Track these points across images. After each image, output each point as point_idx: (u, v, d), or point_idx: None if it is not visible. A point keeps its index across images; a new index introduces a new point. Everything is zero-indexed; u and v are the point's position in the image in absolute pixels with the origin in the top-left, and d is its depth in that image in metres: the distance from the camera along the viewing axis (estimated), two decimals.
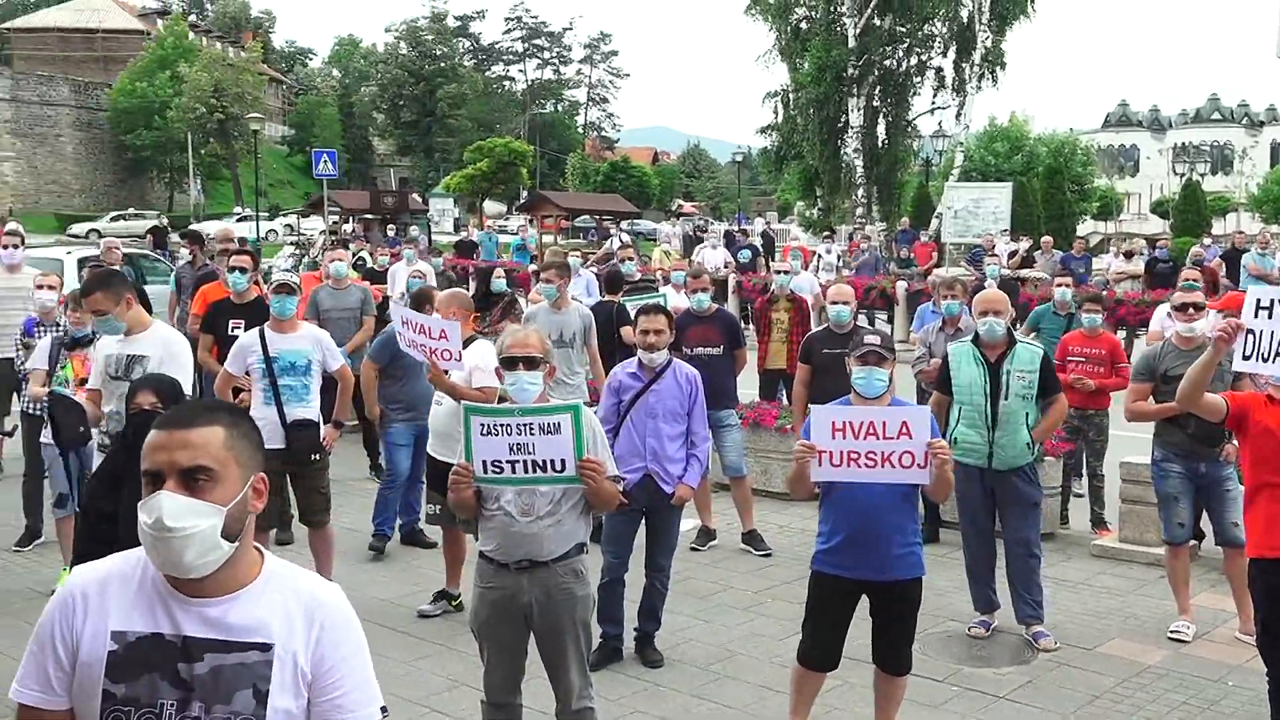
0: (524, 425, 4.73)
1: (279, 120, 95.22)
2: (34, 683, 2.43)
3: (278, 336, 7.55)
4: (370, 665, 2.52)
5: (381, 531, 8.96)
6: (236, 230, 20.58)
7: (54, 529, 8.33)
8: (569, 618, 4.87)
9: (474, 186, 64.27)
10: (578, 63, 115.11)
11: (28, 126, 70.84)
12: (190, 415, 2.43)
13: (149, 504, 2.33)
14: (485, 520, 4.91)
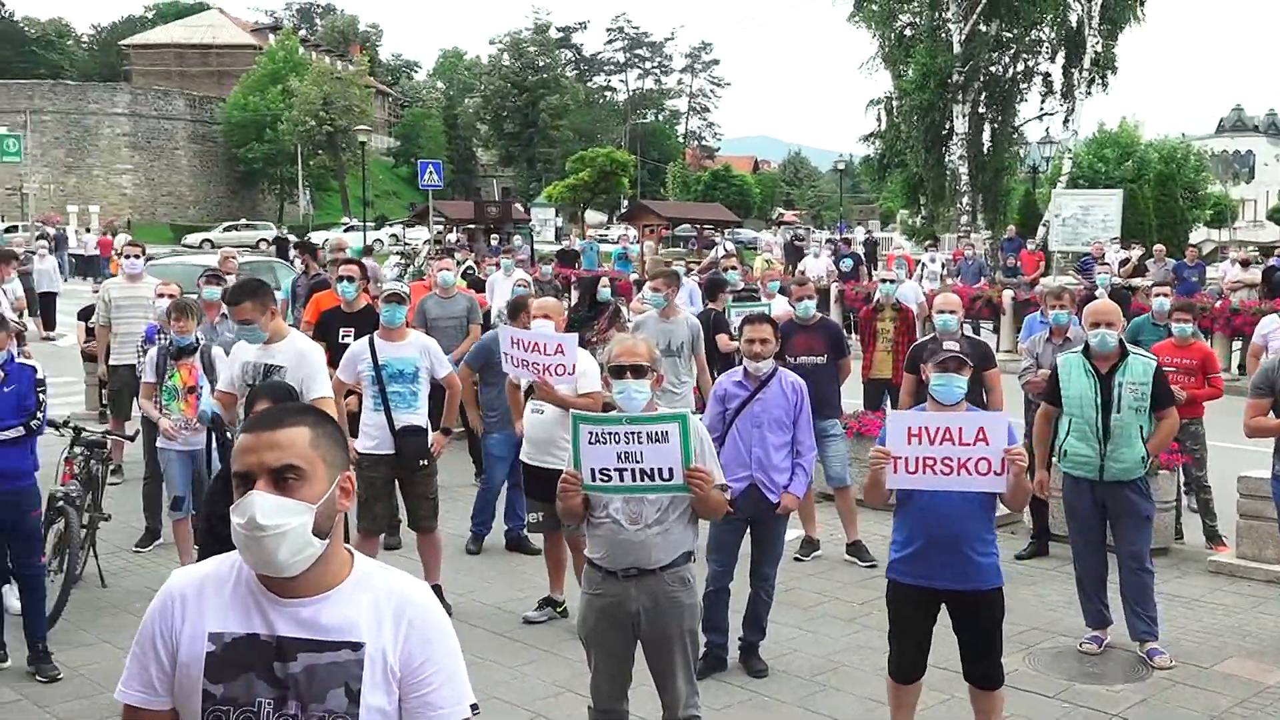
0: (632, 434, 4.74)
1: (385, 132, 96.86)
2: (137, 683, 2.50)
3: (387, 345, 7.69)
4: (461, 663, 2.53)
5: (477, 532, 9.18)
6: (351, 240, 21.03)
7: (171, 530, 8.58)
8: (676, 626, 4.87)
9: (576, 196, 64.75)
10: (679, 72, 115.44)
11: (145, 140, 73.03)
12: (276, 417, 2.48)
13: (241, 505, 2.37)
14: (593, 528, 4.94)
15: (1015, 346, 17.42)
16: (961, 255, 27.34)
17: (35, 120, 68.60)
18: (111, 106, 72.50)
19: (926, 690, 6.15)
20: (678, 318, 9.57)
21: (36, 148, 66.12)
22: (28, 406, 6.59)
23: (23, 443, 6.61)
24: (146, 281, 11.36)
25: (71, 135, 71.01)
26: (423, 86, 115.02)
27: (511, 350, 7.29)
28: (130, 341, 10.84)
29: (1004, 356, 17.17)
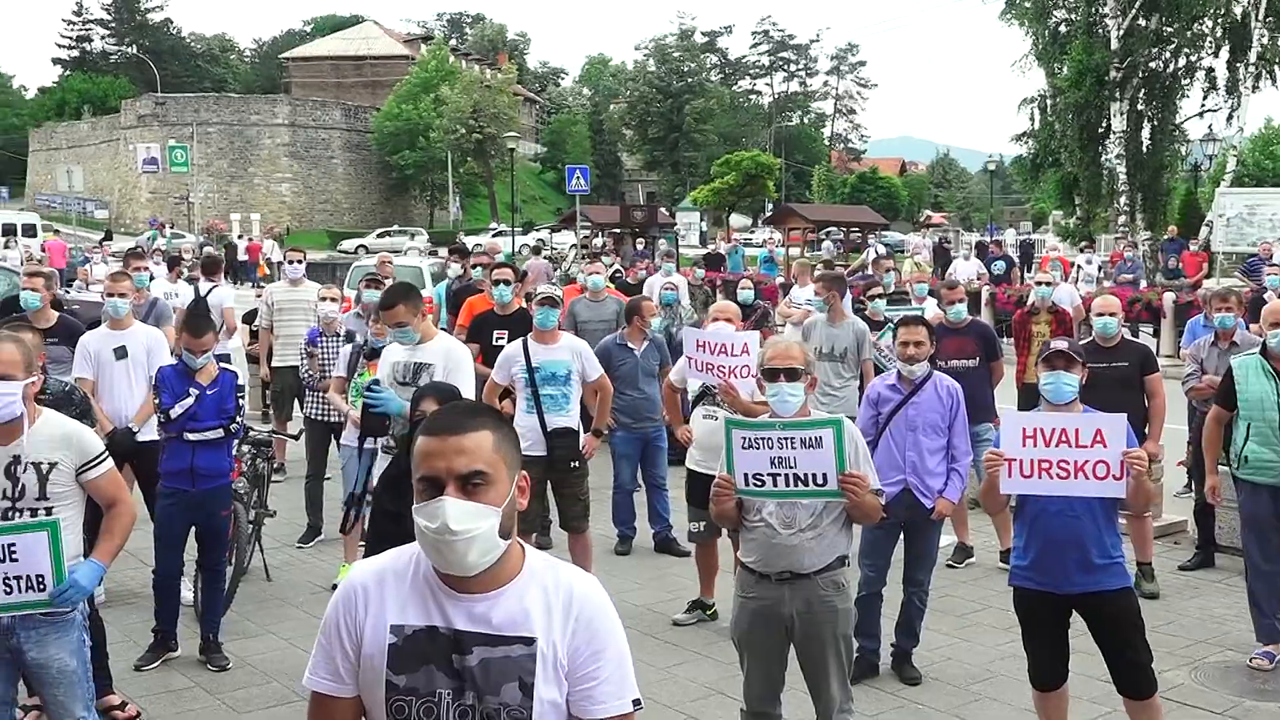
0: (785, 439, 4.73)
1: (532, 138, 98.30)
2: (325, 672, 2.58)
3: (540, 347, 7.81)
4: (627, 657, 2.55)
5: (623, 533, 9.29)
6: (503, 245, 21.43)
7: (333, 527, 8.82)
8: (830, 630, 4.85)
9: (720, 200, 64.76)
10: (824, 74, 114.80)
11: (303, 149, 75.48)
12: (459, 421, 2.50)
13: (431, 510, 2.41)
14: (747, 531, 4.94)
15: (1177, 351, 16.83)
16: (1120, 257, 26.54)
17: (201, 132, 71.44)
18: (272, 117, 75.14)
19: (1086, 703, 6.01)
20: (844, 322, 9.56)
21: (202, 158, 68.86)
22: (227, 409, 6.86)
23: (221, 444, 6.89)
24: (307, 286, 11.74)
25: (235, 146, 73.78)
26: (569, 93, 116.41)
27: (696, 354, 7.14)
28: (292, 344, 11.20)
29: (1165, 361, 16.58)
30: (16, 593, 4.26)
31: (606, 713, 2.50)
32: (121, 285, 8.32)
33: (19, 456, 4.41)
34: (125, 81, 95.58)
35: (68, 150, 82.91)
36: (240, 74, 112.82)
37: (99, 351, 7.96)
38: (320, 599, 8.12)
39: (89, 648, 4.65)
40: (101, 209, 74.28)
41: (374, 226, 69.25)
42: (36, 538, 4.24)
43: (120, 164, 75.31)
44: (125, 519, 4.69)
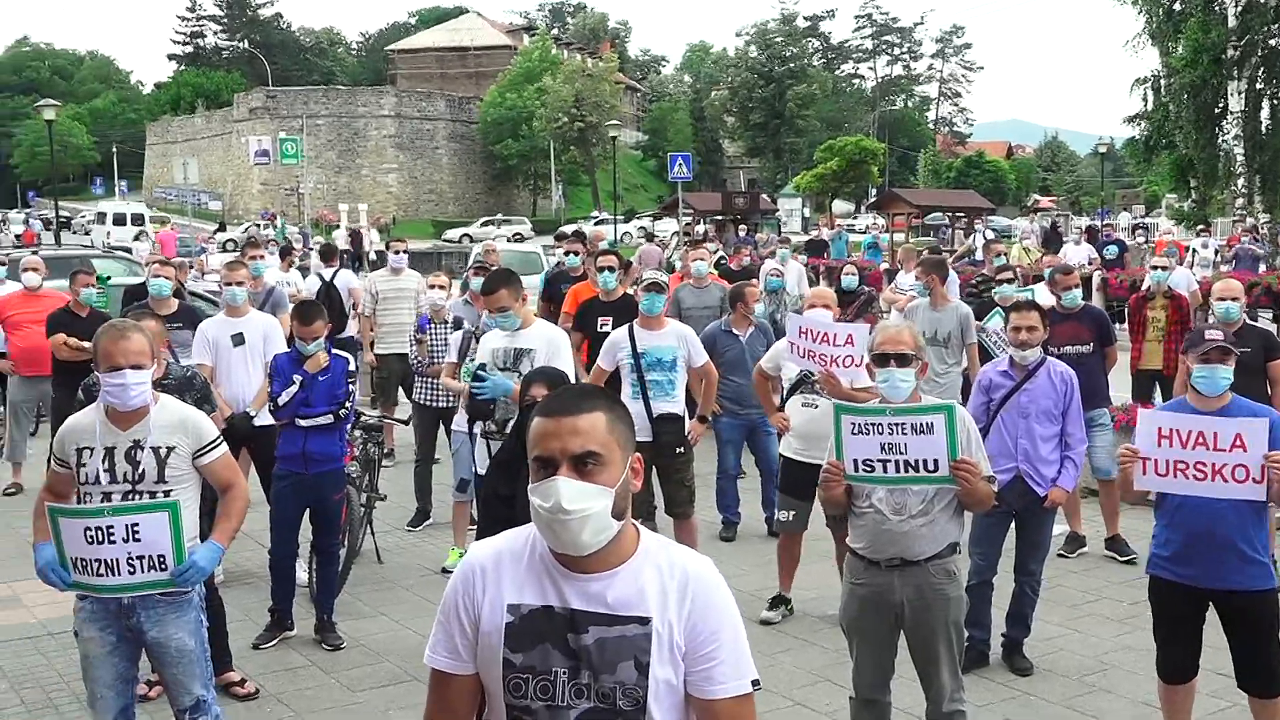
0: (896, 425, 4.69)
1: (634, 126, 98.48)
2: (444, 650, 2.63)
3: (646, 333, 7.83)
4: (743, 637, 2.56)
5: (727, 520, 9.27)
6: (606, 233, 21.55)
7: (447, 510, 8.95)
8: (941, 618, 4.80)
9: (823, 185, 64.26)
10: (929, 57, 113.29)
11: (409, 140, 76.58)
12: (573, 402, 2.53)
13: (545, 489, 2.45)
14: (856, 517, 4.91)
15: None
16: (1238, 240, 25.77)
17: (310, 124, 72.85)
18: (378, 109, 76.37)
19: (1205, 696, 5.85)
20: (948, 306, 9.43)
21: (311, 150, 70.15)
22: (338, 395, 7.00)
23: (332, 429, 7.04)
24: (409, 275, 11.92)
25: (342, 137, 75.13)
26: (670, 81, 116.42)
27: (799, 340, 7.06)
28: (395, 331, 11.40)
29: None
30: (140, 572, 4.38)
31: (726, 693, 2.51)
32: (238, 274, 8.51)
33: (139, 441, 4.54)
34: (237, 76, 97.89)
35: (183, 144, 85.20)
36: (347, 67, 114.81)
37: (217, 338, 8.18)
38: (430, 581, 8.26)
39: (207, 628, 4.78)
40: (215, 200, 76.17)
41: (478, 216, 70.07)
42: (158, 518, 4.37)
43: (233, 156, 77.15)
44: (240, 502, 4.80)
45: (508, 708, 2.54)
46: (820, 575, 7.90)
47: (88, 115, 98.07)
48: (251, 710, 6.11)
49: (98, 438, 4.55)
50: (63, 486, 4.69)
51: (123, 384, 4.45)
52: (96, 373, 4.58)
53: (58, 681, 6.49)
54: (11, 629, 7.36)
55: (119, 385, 4.46)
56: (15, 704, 6.23)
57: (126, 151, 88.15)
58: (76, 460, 4.56)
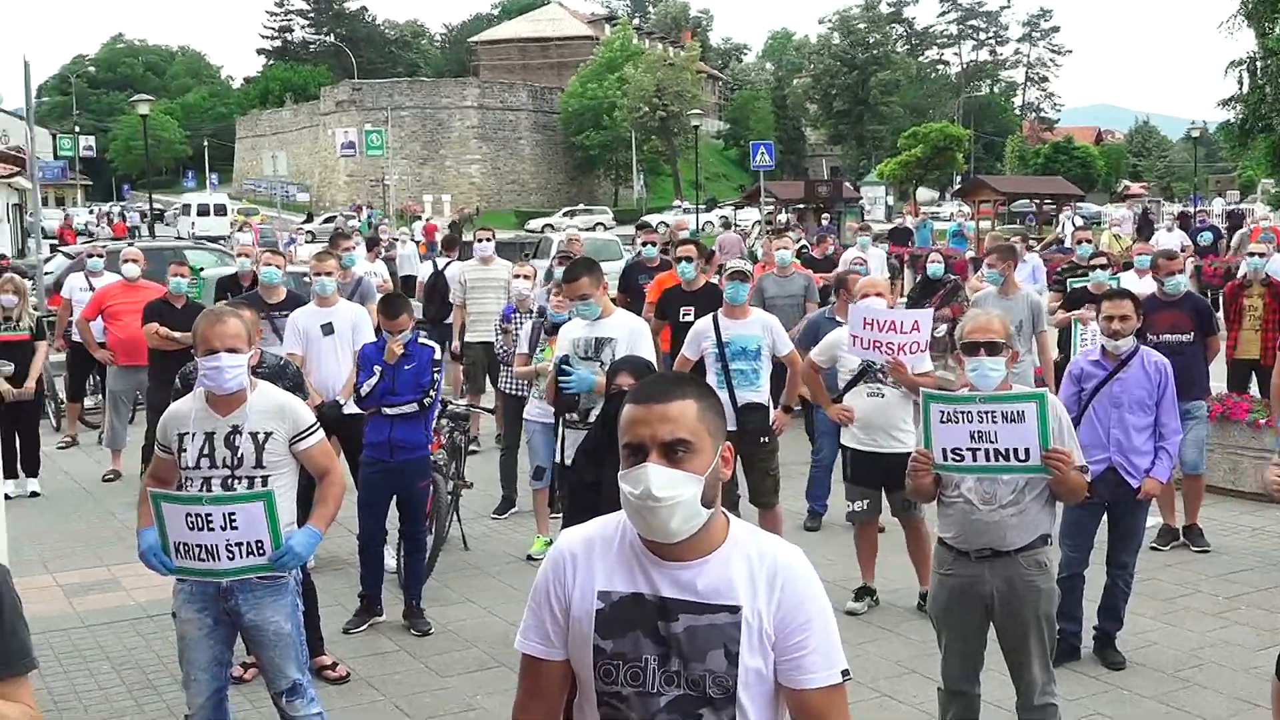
0: (985, 413, 4.64)
1: (715, 115, 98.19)
2: (535, 636, 2.65)
3: (730, 322, 7.81)
4: (833, 628, 2.55)
5: (813, 510, 9.21)
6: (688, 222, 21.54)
7: (529, 499, 9.03)
8: (1032, 610, 4.74)
9: (907, 173, 63.57)
10: (1015, 42, 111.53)
11: (492, 131, 77.12)
12: (664, 389, 2.53)
13: (635, 476, 2.45)
14: (944, 507, 4.86)
15: None
16: None
17: (395, 116, 73.67)
18: (461, 100, 76.99)
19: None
20: (1017, 294, 9.28)
21: (396, 141, 71.01)
22: (423, 384, 7.10)
23: (417, 417, 7.13)
24: (498, 264, 12.02)
25: (426, 129, 75.88)
26: (752, 69, 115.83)
27: (863, 331, 7.02)
28: (483, 320, 11.51)
29: None
30: (239, 558, 4.48)
31: (816, 683, 2.50)
32: (326, 264, 8.64)
33: (238, 426, 4.63)
34: (324, 69, 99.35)
35: (271, 137, 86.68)
36: (431, 59, 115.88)
37: (307, 328, 8.31)
38: (515, 569, 8.33)
39: (302, 612, 4.86)
40: (303, 192, 77.40)
41: (560, 206, 70.32)
42: (255, 506, 4.46)
43: (320, 148, 78.28)
44: (336, 488, 4.88)
45: (598, 694, 2.55)
46: (905, 566, 7.83)
47: (180, 110, 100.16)
48: (343, 693, 6.22)
49: (198, 423, 4.65)
50: (166, 472, 4.80)
51: (218, 367, 4.55)
52: (195, 358, 4.68)
53: (156, 663, 6.65)
54: (111, 611, 7.56)
55: (214, 369, 4.56)
56: (117, 684, 6.41)
57: (217, 145, 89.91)
58: (178, 445, 4.67)
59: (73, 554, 8.85)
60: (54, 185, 70.42)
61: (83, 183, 78.03)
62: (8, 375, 10.25)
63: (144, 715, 6.00)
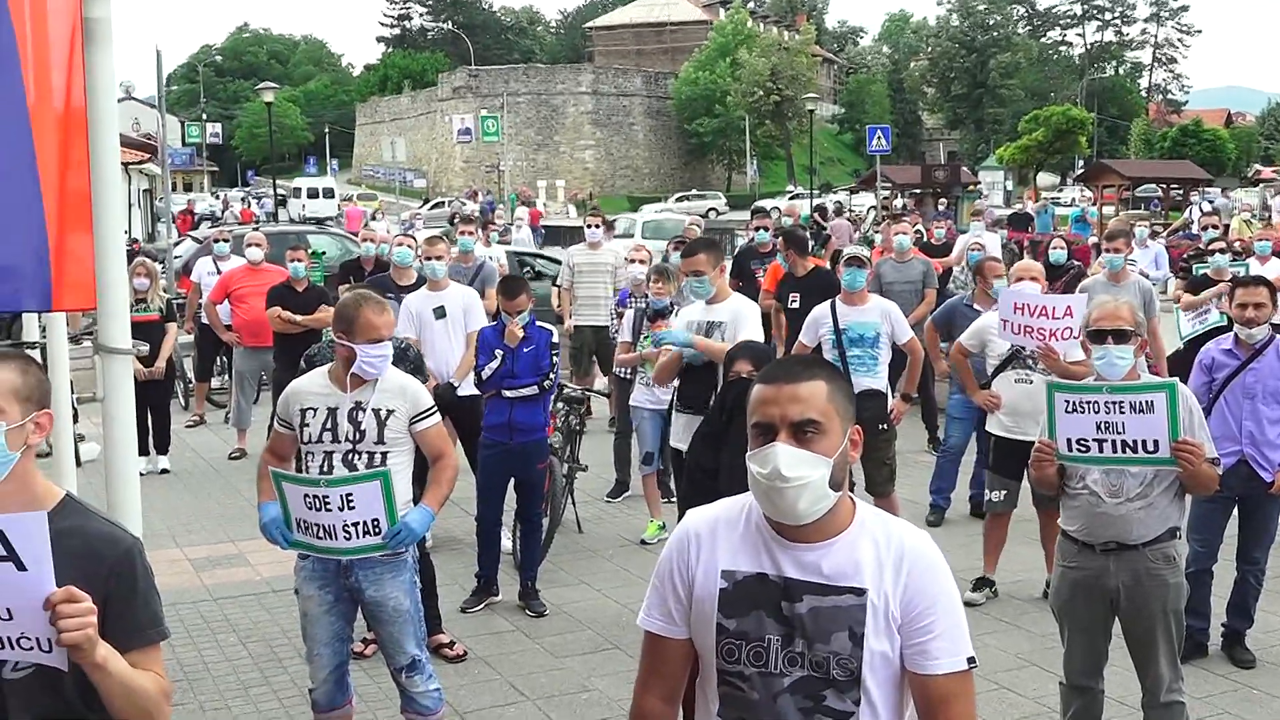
0: (1113, 403, 4.53)
1: (830, 100, 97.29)
2: (658, 613, 2.66)
3: (848, 309, 7.74)
4: (961, 613, 2.53)
5: (935, 504, 9.04)
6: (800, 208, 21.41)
7: (639, 483, 9.07)
8: (1159, 605, 4.61)
9: (1027, 157, 62.29)
10: (1142, 21, 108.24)
11: (606, 116, 77.43)
12: (795, 370, 2.53)
13: (764, 455, 2.45)
14: (1069, 499, 4.75)
15: None
16: None
17: (510, 102, 74.41)
18: (576, 86, 77.42)
19: None
20: (1127, 281, 9.03)
21: (511, 128, 71.73)
22: (542, 367, 7.17)
23: (536, 400, 7.21)
24: (607, 248, 12.08)
25: (541, 115, 76.48)
26: (868, 52, 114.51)
27: (1013, 316, 6.85)
28: (591, 304, 11.58)
29: None
30: (355, 538, 4.58)
31: (942, 669, 2.48)
32: (437, 248, 8.73)
33: (361, 402, 4.73)
34: (441, 56, 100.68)
35: (390, 123, 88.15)
36: (546, 45, 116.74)
37: (420, 312, 8.43)
38: (629, 552, 8.38)
39: (420, 590, 4.95)
40: (420, 178, 78.63)
41: (673, 191, 70.38)
42: (371, 487, 4.55)
43: (437, 135, 79.42)
44: (450, 470, 4.95)
45: (720, 673, 2.56)
46: (1025, 558, 7.70)
47: (302, 97, 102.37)
48: (460, 672, 6.31)
49: (321, 399, 4.76)
50: (284, 448, 4.92)
51: (383, 355, 4.67)
52: (348, 342, 4.71)
53: (281, 637, 6.83)
54: (237, 585, 7.78)
55: (379, 357, 4.67)
56: (243, 656, 6.59)
57: (337, 132, 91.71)
58: (300, 421, 4.77)
59: (201, 529, 9.13)
60: (182, 171, 72.50)
61: (209, 169, 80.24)
62: (143, 355, 10.59)
63: (270, 688, 6.16)
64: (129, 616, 2.63)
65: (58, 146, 4.16)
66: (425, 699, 4.86)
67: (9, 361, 2.71)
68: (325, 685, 4.82)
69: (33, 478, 2.70)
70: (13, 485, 2.63)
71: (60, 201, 4.18)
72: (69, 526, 2.64)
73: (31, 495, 2.67)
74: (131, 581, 2.65)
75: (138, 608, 2.65)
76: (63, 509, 2.68)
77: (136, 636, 2.64)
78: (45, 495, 2.69)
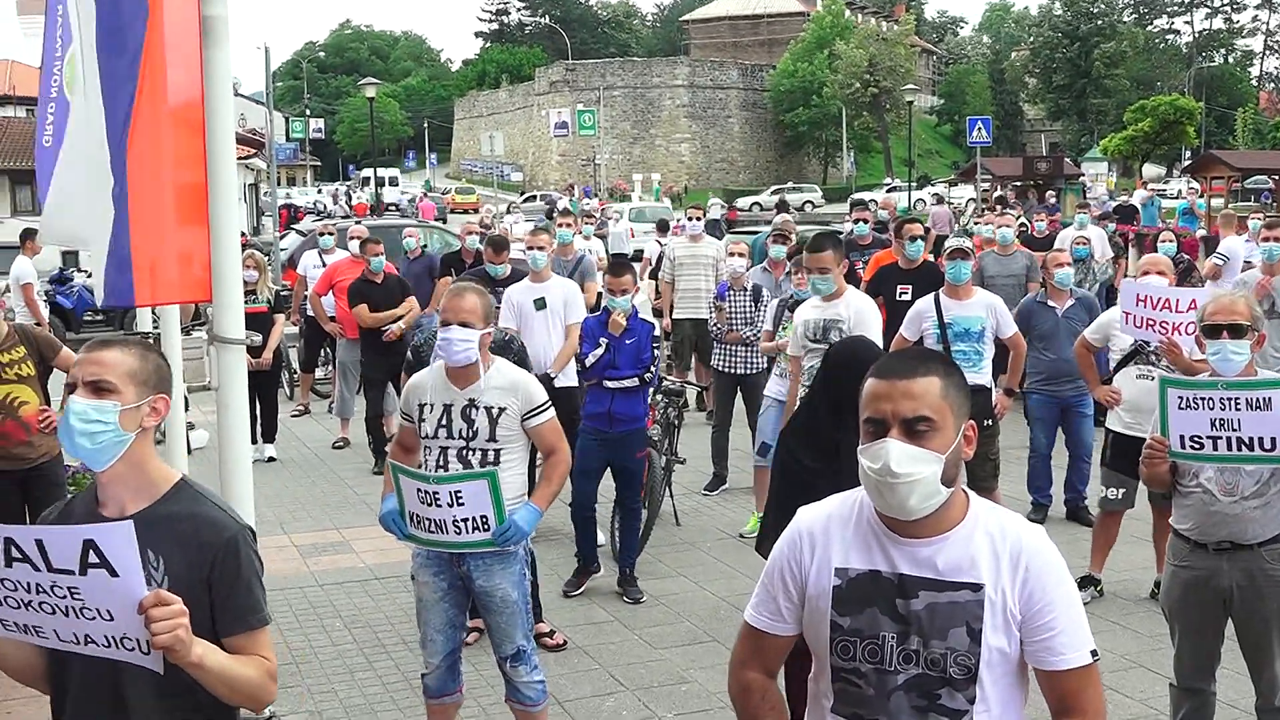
0: (1228, 399, 4.42)
1: (929, 91, 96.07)
2: (765, 610, 2.68)
3: (952, 302, 7.65)
4: (1080, 607, 2.51)
5: (1037, 502, 8.87)
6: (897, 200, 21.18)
7: (743, 476, 9.05)
8: (1275, 606, 4.48)
9: (1133, 148, 60.84)
10: (1253, 8, 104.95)
11: (701, 109, 77.31)
12: (910, 366, 2.51)
13: (875, 451, 2.43)
14: (1181, 497, 4.65)
15: None
16: None
17: (606, 96, 74.65)
18: (672, 79, 77.42)
19: None
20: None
21: (607, 121, 71.97)
22: (644, 360, 7.23)
23: (637, 391, 7.27)
24: (706, 241, 12.08)
25: (637, 108, 76.60)
26: (968, 42, 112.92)
27: (1135, 309, 6.70)
28: (691, 296, 11.59)
29: None
30: (465, 533, 4.65)
31: (1068, 664, 2.47)
32: (540, 239, 8.80)
33: (474, 400, 4.79)
34: (538, 50, 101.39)
35: (487, 118, 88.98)
36: (642, 38, 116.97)
37: (521, 303, 8.51)
38: (726, 545, 8.38)
39: (529, 581, 5.01)
40: (517, 172, 79.25)
41: (768, 184, 70.07)
42: (479, 485, 4.61)
43: (533, 129, 79.97)
44: (562, 467, 4.99)
45: (835, 669, 2.56)
46: (1132, 557, 7.57)
47: (402, 92, 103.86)
48: (560, 661, 6.37)
49: (437, 394, 4.83)
50: (410, 439, 5.00)
51: (449, 339, 4.71)
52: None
53: (385, 624, 6.96)
54: (342, 572, 7.94)
55: (445, 340, 4.72)
56: (349, 641, 6.73)
57: (436, 126, 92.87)
58: (418, 415, 4.86)
59: (306, 516, 9.32)
60: (286, 166, 73.92)
61: (312, 163, 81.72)
62: (254, 345, 10.84)
63: (374, 673, 6.28)
64: (233, 601, 2.70)
65: (174, 143, 4.28)
66: (530, 689, 4.92)
67: (129, 346, 2.79)
68: (438, 671, 4.90)
69: (148, 461, 2.77)
70: (126, 467, 2.71)
71: (176, 196, 4.30)
72: (180, 511, 2.71)
73: (146, 479, 2.74)
74: (235, 567, 2.71)
75: (239, 595, 2.71)
76: (176, 493, 2.75)
77: (239, 622, 2.71)
78: (160, 479, 2.76)
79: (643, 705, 5.85)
